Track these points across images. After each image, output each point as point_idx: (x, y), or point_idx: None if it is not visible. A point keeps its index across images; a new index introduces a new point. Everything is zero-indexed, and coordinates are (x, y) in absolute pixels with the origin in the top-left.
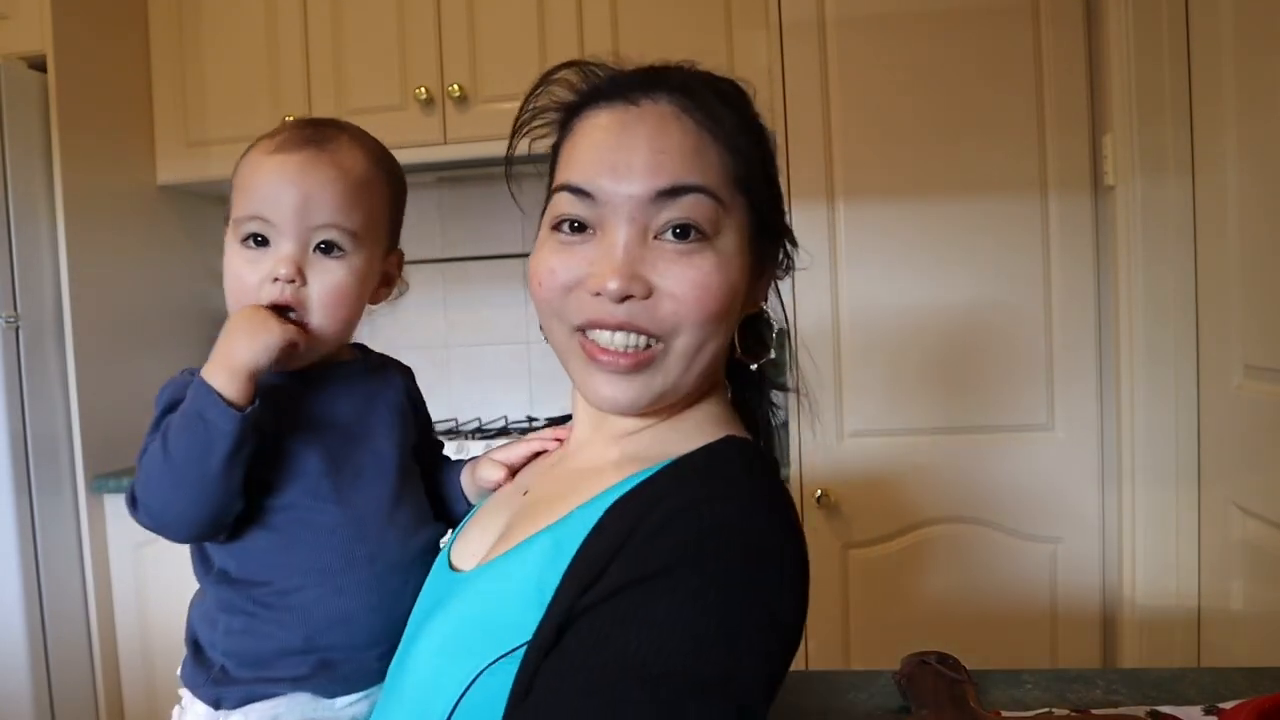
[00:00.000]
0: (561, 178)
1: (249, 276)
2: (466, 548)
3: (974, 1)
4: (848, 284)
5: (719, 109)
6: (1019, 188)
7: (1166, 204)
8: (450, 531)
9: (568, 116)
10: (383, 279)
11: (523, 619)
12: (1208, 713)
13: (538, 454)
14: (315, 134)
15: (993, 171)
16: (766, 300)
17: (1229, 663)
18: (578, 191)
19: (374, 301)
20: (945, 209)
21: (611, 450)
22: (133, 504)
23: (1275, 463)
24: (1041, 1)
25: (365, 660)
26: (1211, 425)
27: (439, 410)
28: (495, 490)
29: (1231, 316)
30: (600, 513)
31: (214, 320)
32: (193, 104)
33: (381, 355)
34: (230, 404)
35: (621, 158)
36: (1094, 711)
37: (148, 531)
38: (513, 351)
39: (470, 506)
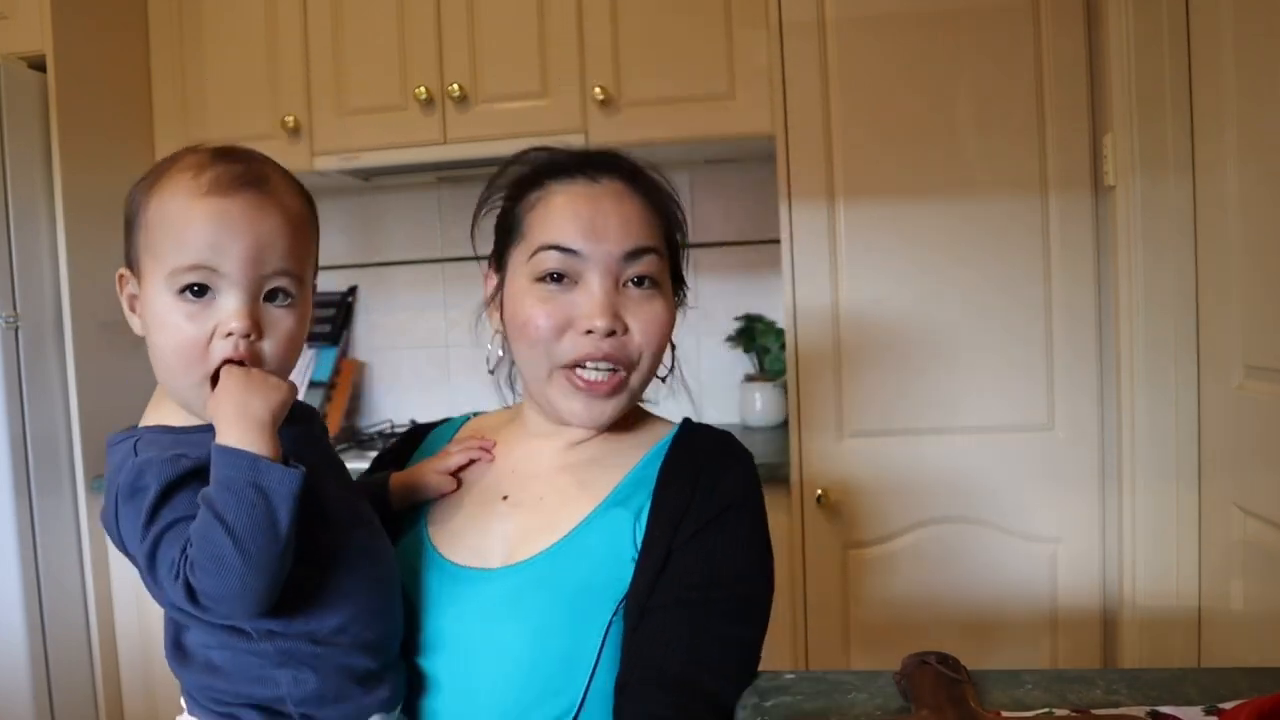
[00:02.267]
0: (543, 239)
1: (190, 330)
2: (467, 551)
3: (974, 1)
4: (848, 284)
5: (651, 186)
6: (1019, 187)
7: (1166, 204)
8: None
9: (525, 188)
10: None
11: (624, 571)
12: (1208, 713)
13: (471, 461)
14: (246, 172)
15: (993, 171)
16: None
17: (1229, 663)
18: (563, 249)
19: None
20: (945, 208)
21: (581, 452)
22: (192, 599)
23: (1276, 462)
24: (1042, 1)
25: (401, 669)
26: (1212, 425)
27: (438, 410)
28: (439, 497)
29: (1232, 316)
30: (654, 478)
31: None
32: (193, 104)
33: None
34: (284, 464)
35: (598, 222)
36: (1094, 711)
37: None
38: None
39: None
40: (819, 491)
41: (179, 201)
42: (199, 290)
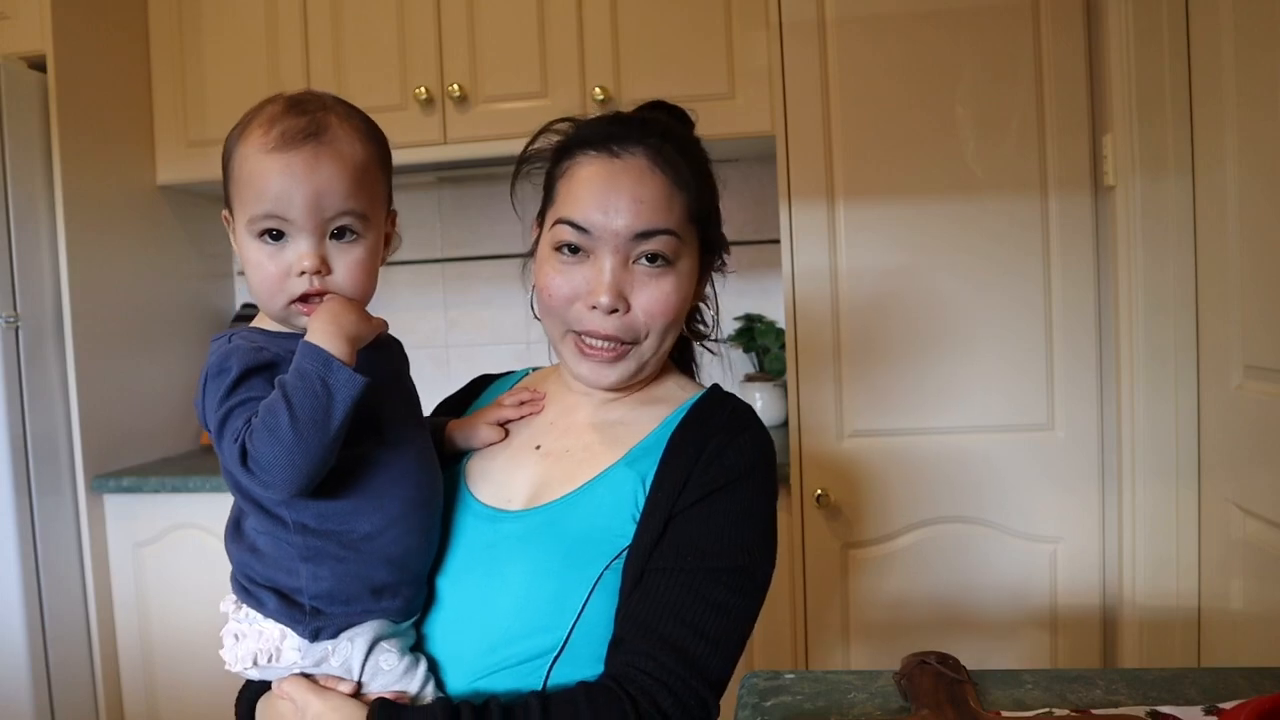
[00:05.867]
0: (562, 212)
1: (271, 267)
2: (494, 491)
3: (974, 1)
4: (847, 284)
5: (679, 159)
6: (1019, 187)
7: (1166, 204)
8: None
9: (560, 155)
10: (384, 239)
11: (624, 529)
12: (1208, 713)
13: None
14: (311, 124)
15: (993, 171)
16: (704, 293)
17: (1229, 663)
18: (576, 226)
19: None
20: (945, 208)
21: (612, 410)
22: (244, 462)
23: (1275, 462)
24: (1041, 1)
25: (421, 588)
26: (1211, 425)
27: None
28: (484, 446)
29: (1231, 316)
30: (663, 445)
31: (214, 319)
32: (193, 104)
33: None
34: (353, 370)
35: (611, 201)
36: (1094, 711)
37: (151, 522)
38: (512, 351)
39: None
40: (819, 491)
41: (252, 157)
42: (275, 234)
